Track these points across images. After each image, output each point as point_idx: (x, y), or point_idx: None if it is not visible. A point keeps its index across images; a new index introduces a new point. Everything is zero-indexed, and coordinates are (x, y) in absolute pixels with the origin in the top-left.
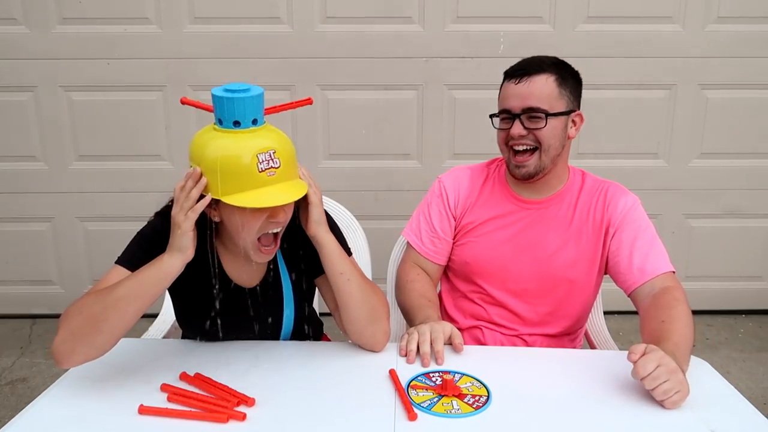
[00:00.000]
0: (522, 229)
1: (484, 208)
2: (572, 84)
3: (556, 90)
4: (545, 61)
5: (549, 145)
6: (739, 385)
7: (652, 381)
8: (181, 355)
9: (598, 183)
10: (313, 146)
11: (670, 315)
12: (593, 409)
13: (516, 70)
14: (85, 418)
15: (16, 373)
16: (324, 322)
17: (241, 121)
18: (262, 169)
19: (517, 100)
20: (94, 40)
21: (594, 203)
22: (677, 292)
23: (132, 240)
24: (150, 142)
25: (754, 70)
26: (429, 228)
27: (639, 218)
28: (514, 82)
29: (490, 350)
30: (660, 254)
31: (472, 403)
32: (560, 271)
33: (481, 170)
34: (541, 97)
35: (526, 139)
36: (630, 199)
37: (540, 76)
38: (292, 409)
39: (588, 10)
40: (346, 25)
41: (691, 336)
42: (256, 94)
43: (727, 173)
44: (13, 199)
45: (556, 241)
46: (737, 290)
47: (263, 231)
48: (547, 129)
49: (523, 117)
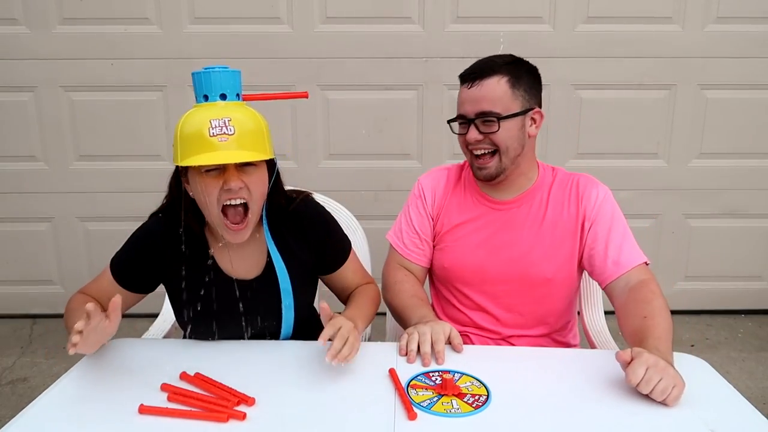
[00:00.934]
0: (495, 231)
1: (457, 210)
2: (527, 81)
3: (509, 91)
4: (497, 61)
5: (507, 146)
6: (739, 384)
7: (646, 385)
8: (181, 354)
9: (568, 176)
10: (313, 146)
11: (650, 310)
12: (593, 408)
13: (468, 74)
14: (85, 418)
15: (17, 373)
16: None
17: (209, 95)
18: (213, 134)
19: (471, 105)
20: (95, 40)
21: (567, 197)
22: (652, 284)
23: (126, 241)
24: (150, 142)
25: (754, 70)
26: (410, 230)
27: (612, 210)
28: (467, 87)
29: (490, 350)
30: (633, 245)
31: (471, 402)
32: (536, 269)
33: (456, 171)
34: (493, 99)
35: (483, 143)
36: (602, 190)
37: (491, 79)
38: (292, 409)
39: (588, 10)
40: (346, 25)
41: (671, 327)
42: (221, 70)
43: (727, 173)
44: (13, 199)
45: (530, 239)
46: (737, 290)
47: (223, 201)
48: (501, 132)
49: (478, 122)
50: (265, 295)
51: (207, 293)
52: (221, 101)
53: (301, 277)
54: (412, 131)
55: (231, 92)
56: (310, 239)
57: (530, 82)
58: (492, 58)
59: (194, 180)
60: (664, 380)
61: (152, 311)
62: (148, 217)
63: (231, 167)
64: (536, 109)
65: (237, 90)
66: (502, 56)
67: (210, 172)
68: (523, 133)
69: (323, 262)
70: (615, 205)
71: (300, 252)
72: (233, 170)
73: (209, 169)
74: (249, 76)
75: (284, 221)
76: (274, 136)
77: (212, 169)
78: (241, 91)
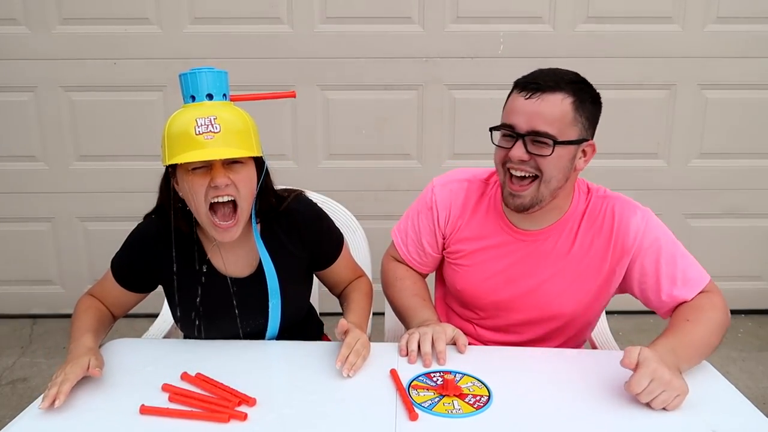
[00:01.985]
0: (515, 261)
1: (477, 233)
2: (590, 110)
3: (571, 114)
4: (564, 77)
5: (551, 176)
6: (739, 384)
7: (648, 395)
8: (182, 355)
9: (602, 202)
10: (313, 146)
11: (698, 316)
12: (594, 409)
13: (528, 83)
14: (86, 418)
15: (17, 373)
16: (324, 322)
17: (195, 96)
18: (199, 132)
19: (525, 118)
20: (94, 40)
21: (599, 229)
22: (716, 297)
23: (123, 242)
24: (150, 142)
25: (754, 70)
26: (416, 240)
27: (655, 237)
28: (524, 96)
29: (491, 350)
30: (688, 272)
31: (473, 403)
32: (555, 303)
33: (479, 186)
34: (552, 119)
35: (527, 165)
36: (641, 217)
37: (555, 95)
38: (293, 409)
39: (588, 10)
40: (346, 25)
41: (710, 342)
42: (207, 71)
43: (727, 173)
44: (13, 199)
45: (552, 272)
46: (737, 290)
47: (210, 198)
48: (552, 158)
49: (528, 139)
50: (257, 294)
51: (199, 291)
52: (207, 101)
53: (294, 276)
54: (412, 131)
55: (217, 92)
56: (303, 237)
57: (592, 110)
58: (558, 71)
59: (182, 179)
60: (666, 393)
61: (152, 311)
62: (143, 217)
63: (218, 164)
64: (590, 141)
65: (223, 90)
66: (568, 72)
67: (197, 170)
68: (571, 165)
69: (317, 258)
70: (657, 229)
71: (294, 250)
72: (220, 167)
73: (196, 167)
74: (249, 76)
75: (277, 220)
76: (274, 135)
77: (199, 167)
78: (228, 92)
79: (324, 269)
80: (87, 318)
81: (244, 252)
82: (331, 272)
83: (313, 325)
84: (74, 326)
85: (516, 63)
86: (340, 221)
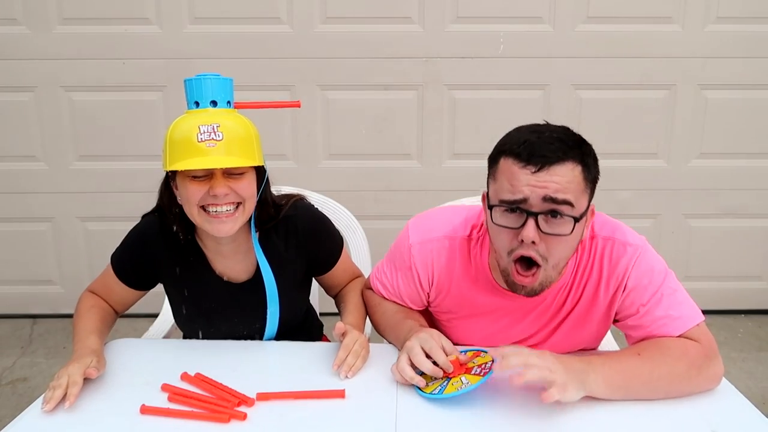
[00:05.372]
0: (512, 322)
1: (466, 299)
2: (594, 171)
3: (582, 184)
4: (567, 142)
5: (560, 259)
6: (739, 384)
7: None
8: (181, 355)
9: (593, 244)
10: (313, 146)
11: (653, 356)
12: (594, 407)
13: (531, 155)
14: (86, 418)
15: (17, 373)
16: (324, 322)
17: (200, 102)
18: (201, 139)
19: (536, 193)
20: (94, 40)
21: (597, 276)
22: (694, 348)
23: (123, 239)
24: (150, 142)
25: (754, 70)
26: (396, 294)
27: (642, 277)
28: (531, 170)
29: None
30: (677, 313)
31: (479, 372)
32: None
33: (461, 245)
34: (567, 193)
35: (539, 248)
36: (630, 254)
37: (565, 166)
38: (293, 409)
39: (588, 10)
40: (346, 25)
41: (656, 386)
42: (212, 77)
43: (727, 173)
44: (13, 199)
45: (550, 327)
46: (737, 290)
47: (207, 207)
48: (568, 238)
49: (542, 218)
50: (254, 299)
51: (197, 294)
52: (212, 108)
53: (292, 282)
54: (412, 131)
55: (222, 100)
56: (301, 244)
57: (596, 172)
58: (557, 134)
59: (182, 185)
60: (537, 359)
61: (152, 311)
62: (141, 217)
63: (218, 173)
64: (592, 204)
65: (228, 98)
66: (565, 131)
67: (198, 177)
68: (581, 238)
69: (316, 264)
70: (650, 268)
71: (292, 257)
72: (220, 176)
73: (197, 175)
74: (249, 76)
75: (275, 227)
76: (274, 135)
77: (200, 175)
78: (232, 99)
79: (322, 275)
80: (91, 317)
81: (242, 257)
82: (329, 276)
83: (312, 326)
84: (78, 326)
85: (516, 63)
86: (340, 221)
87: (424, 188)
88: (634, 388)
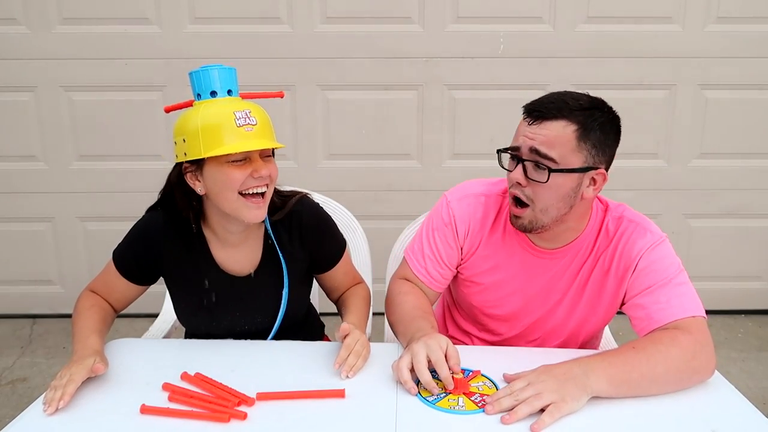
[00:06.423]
0: (532, 278)
1: (494, 252)
2: (599, 136)
3: (574, 142)
4: (569, 104)
5: (547, 205)
6: (739, 384)
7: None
8: (181, 354)
9: (618, 223)
10: (313, 146)
11: (646, 347)
12: (594, 408)
13: (532, 110)
14: (86, 418)
15: (17, 373)
16: (325, 323)
17: (217, 91)
18: (240, 124)
19: (526, 143)
20: (94, 40)
21: (612, 249)
22: (685, 336)
23: (127, 234)
24: (150, 142)
25: (754, 70)
26: (435, 257)
27: (655, 261)
28: (528, 122)
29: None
30: (671, 300)
31: (478, 401)
32: (568, 323)
33: (495, 201)
34: (552, 145)
35: (522, 191)
36: (648, 240)
37: (557, 123)
38: (293, 409)
39: (588, 10)
40: (346, 25)
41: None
42: (228, 67)
43: (727, 173)
44: (13, 199)
45: (566, 292)
46: (737, 290)
47: (249, 189)
48: (548, 186)
49: (528, 164)
50: (257, 293)
51: (200, 287)
52: (228, 97)
53: (296, 276)
54: (412, 131)
55: (235, 89)
56: (305, 239)
57: (602, 137)
58: (566, 98)
59: (213, 171)
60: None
61: (152, 311)
62: (146, 211)
63: (256, 156)
64: (600, 169)
65: (237, 87)
66: (580, 97)
67: (236, 162)
68: (576, 194)
69: (317, 261)
70: (663, 257)
71: (295, 251)
72: (259, 158)
73: (236, 159)
74: (249, 76)
75: (282, 221)
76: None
77: (239, 159)
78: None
79: (323, 273)
80: (91, 317)
81: (248, 250)
82: (330, 276)
83: (313, 325)
84: (78, 325)
85: (516, 63)
86: (340, 221)
87: (424, 188)
88: (636, 381)
